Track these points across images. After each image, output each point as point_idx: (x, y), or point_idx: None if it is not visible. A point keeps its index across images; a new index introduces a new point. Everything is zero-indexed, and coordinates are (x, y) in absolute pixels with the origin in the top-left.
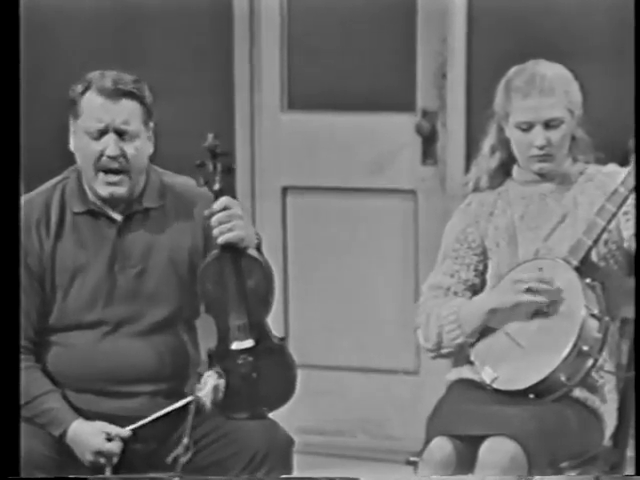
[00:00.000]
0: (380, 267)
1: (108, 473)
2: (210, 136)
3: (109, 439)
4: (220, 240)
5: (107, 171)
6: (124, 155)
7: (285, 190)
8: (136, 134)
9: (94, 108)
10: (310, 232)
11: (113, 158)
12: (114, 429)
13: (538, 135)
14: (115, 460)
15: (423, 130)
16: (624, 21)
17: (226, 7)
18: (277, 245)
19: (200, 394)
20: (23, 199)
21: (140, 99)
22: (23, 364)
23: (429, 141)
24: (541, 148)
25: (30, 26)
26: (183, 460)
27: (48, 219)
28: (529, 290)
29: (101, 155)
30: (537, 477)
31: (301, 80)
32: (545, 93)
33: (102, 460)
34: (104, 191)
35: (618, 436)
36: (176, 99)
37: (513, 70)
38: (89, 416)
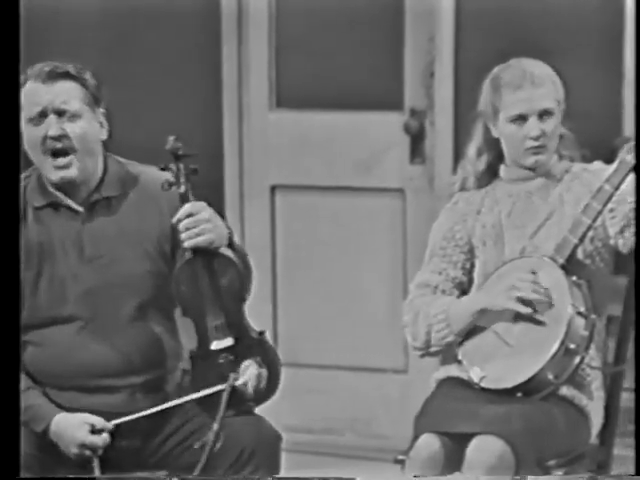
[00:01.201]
0: (368, 266)
1: (96, 466)
2: (171, 139)
3: (93, 431)
4: (188, 244)
5: (53, 153)
6: (66, 135)
7: (274, 189)
8: (78, 114)
9: (32, 95)
10: (299, 231)
11: (56, 138)
12: (97, 420)
13: (533, 126)
14: (100, 452)
15: (411, 129)
16: (611, 20)
17: (214, 6)
18: (266, 244)
19: (239, 382)
20: None
21: (79, 80)
22: None
23: (417, 140)
24: (536, 139)
25: (24, 26)
26: (214, 448)
27: None
28: (521, 299)
29: (45, 138)
30: (531, 477)
31: (289, 79)
32: (536, 84)
33: (87, 452)
34: (54, 176)
35: (605, 434)
36: (164, 98)
37: (497, 68)
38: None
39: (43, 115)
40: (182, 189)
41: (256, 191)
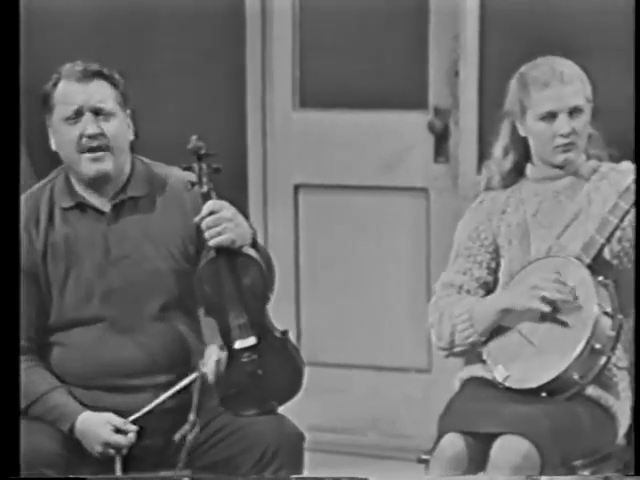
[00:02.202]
0: (392, 265)
1: (118, 465)
2: (193, 138)
3: (117, 430)
4: (211, 243)
5: (90, 150)
6: (103, 133)
7: (297, 188)
8: (113, 113)
9: (67, 94)
10: (322, 230)
11: (93, 137)
12: (120, 422)
13: (564, 123)
14: (124, 451)
15: (435, 128)
16: (636, 20)
17: (238, 6)
18: (289, 243)
19: (204, 369)
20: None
21: (111, 80)
22: (26, 364)
23: (441, 139)
24: (567, 136)
25: (24, 26)
26: (190, 437)
27: (37, 218)
28: (545, 299)
29: (81, 137)
30: (544, 477)
31: (313, 78)
32: (565, 82)
33: (111, 451)
34: (90, 170)
35: (632, 434)
36: (188, 98)
37: (525, 67)
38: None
39: (79, 114)
40: (204, 188)
41: (280, 191)
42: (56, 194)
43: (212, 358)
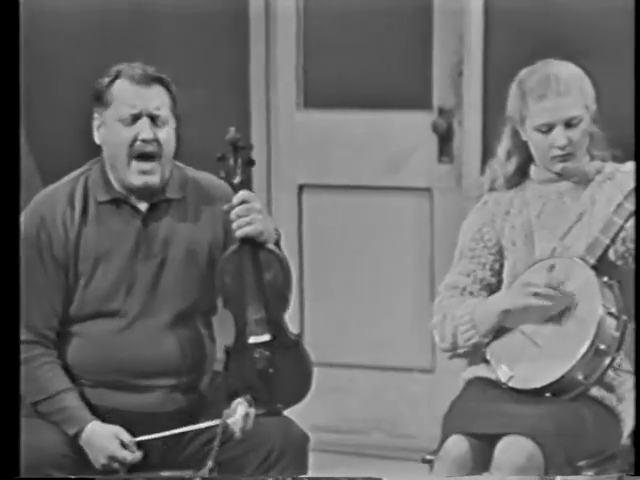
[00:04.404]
0: (395, 265)
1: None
2: (232, 129)
3: (124, 445)
4: (238, 233)
5: (141, 156)
6: (157, 140)
7: (301, 188)
8: (166, 120)
9: (126, 95)
10: (326, 230)
11: (147, 142)
12: (127, 438)
13: (559, 136)
14: (128, 467)
15: (439, 128)
16: (636, 21)
17: (242, 6)
18: (293, 243)
19: (229, 420)
20: (42, 193)
21: (167, 87)
22: (45, 358)
23: (445, 139)
24: (563, 148)
25: (24, 26)
26: None
27: (72, 208)
28: (537, 294)
29: (134, 140)
30: (559, 477)
31: (317, 78)
32: (561, 93)
33: (115, 465)
34: (138, 180)
35: (637, 435)
36: (192, 97)
37: (523, 72)
38: (104, 412)
39: (137, 118)
40: (237, 180)
41: (284, 190)
42: (91, 186)
43: (239, 412)
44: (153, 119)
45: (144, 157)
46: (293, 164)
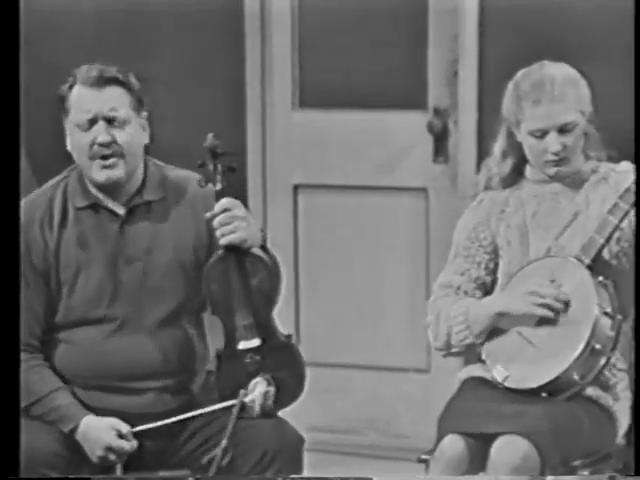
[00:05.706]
0: (391, 265)
1: (118, 471)
2: (210, 136)
3: (120, 436)
4: (222, 242)
5: (101, 158)
6: (115, 141)
7: (296, 188)
8: (127, 120)
9: (81, 100)
10: (321, 230)
11: (105, 145)
12: (126, 427)
13: (553, 141)
14: (125, 458)
15: (434, 128)
16: (635, 20)
17: (237, 5)
18: (288, 243)
19: (247, 399)
20: (25, 200)
21: (126, 85)
22: (30, 363)
23: (440, 139)
24: (557, 154)
25: (24, 26)
26: (222, 463)
27: (51, 216)
28: (544, 305)
29: (92, 144)
30: (550, 477)
31: (312, 78)
32: (556, 99)
33: (112, 457)
34: (100, 176)
35: (632, 434)
36: (188, 97)
37: (519, 75)
38: (98, 413)
39: (92, 122)
40: (218, 187)
41: (279, 190)
42: (70, 193)
43: (258, 390)
44: (110, 121)
45: (104, 158)
46: (288, 164)
